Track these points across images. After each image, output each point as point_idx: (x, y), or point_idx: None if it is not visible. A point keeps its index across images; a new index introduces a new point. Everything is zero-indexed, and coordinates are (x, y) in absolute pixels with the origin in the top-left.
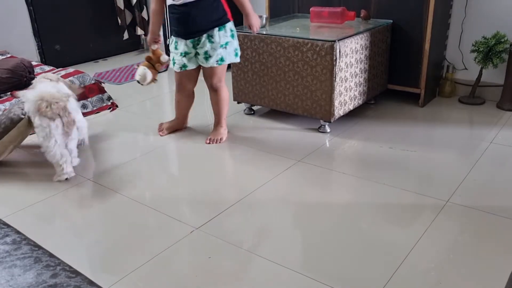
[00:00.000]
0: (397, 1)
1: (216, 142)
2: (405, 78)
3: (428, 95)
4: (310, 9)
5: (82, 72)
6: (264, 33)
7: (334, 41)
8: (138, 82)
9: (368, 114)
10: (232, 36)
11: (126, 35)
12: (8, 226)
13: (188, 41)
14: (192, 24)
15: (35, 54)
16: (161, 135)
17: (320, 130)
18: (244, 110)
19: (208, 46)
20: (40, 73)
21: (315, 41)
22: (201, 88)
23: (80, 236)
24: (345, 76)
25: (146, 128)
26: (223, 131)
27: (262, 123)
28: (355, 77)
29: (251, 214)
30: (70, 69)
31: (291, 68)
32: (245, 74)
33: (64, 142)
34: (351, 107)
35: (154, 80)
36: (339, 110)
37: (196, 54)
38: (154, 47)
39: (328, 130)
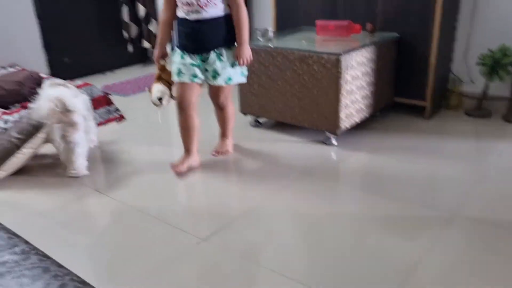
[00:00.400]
0: (403, 14)
1: (222, 154)
2: (411, 91)
3: (434, 108)
4: (316, 22)
5: (91, 85)
6: (270, 46)
7: (340, 54)
8: (159, 101)
9: (374, 126)
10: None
11: (130, 48)
12: (17, 236)
13: (196, 56)
14: (202, 41)
15: (44, 67)
16: (178, 173)
17: (326, 143)
18: (251, 122)
19: (218, 64)
20: None
21: (321, 54)
22: (204, 99)
23: (88, 246)
24: (351, 88)
25: (153, 140)
26: (229, 143)
27: (268, 135)
28: (361, 89)
29: (257, 226)
30: (79, 82)
31: (297, 81)
32: (251, 86)
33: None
34: (357, 120)
35: (172, 96)
36: (345, 122)
37: (205, 70)
38: (163, 62)
39: (334, 143)
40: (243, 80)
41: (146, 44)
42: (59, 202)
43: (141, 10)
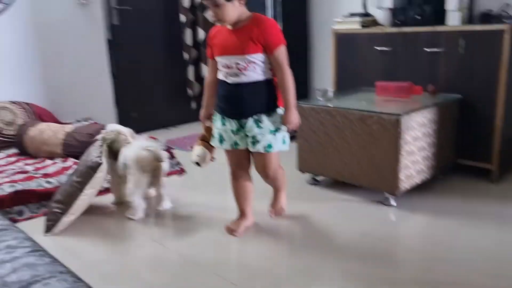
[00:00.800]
0: (466, 76)
1: (277, 214)
2: (476, 153)
3: (502, 171)
4: (376, 83)
5: (155, 138)
6: (330, 105)
7: (400, 114)
8: (197, 164)
9: (435, 188)
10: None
11: (194, 105)
12: (82, 280)
13: (235, 120)
14: (240, 106)
15: (114, 121)
16: (236, 236)
17: (385, 203)
18: (308, 180)
19: (256, 130)
20: None
21: (381, 114)
22: None
23: None
24: (411, 149)
25: (212, 194)
26: (283, 202)
27: (325, 194)
28: (422, 150)
29: (314, 284)
30: (145, 136)
31: (356, 140)
32: (310, 144)
33: (147, 190)
34: (417, 181)
35: (212, 158)
36: (405, 183)
37: (246, 135)
38: (208, 123)
39: (394, 204)
40: (285, 148)
41: None
42: (118, 250)
43: (205, 70)
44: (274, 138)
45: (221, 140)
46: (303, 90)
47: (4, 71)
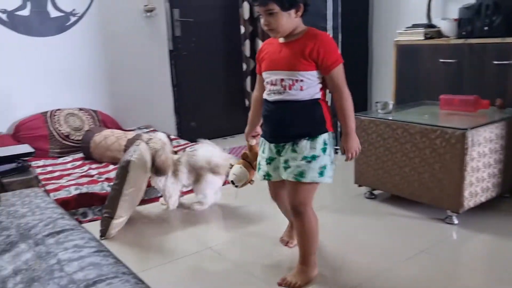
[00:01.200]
0: None
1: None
2: None
3: None
4: (440, 96)
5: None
6: (390, 118)
7: (466, 129)
8: (233, 182)
9: (502, 208)
10: (324, 150)
11: None
12: (142, 282)
13: (272, 145)
14: (278, 127)
15: (174, 129)
16: (291, 247)
17: (447, 221)
18: (365, 193)
19: (289, 154)
20: (176, 146)
21: (445, 129)
22: None
23: None
24: (477, 165)
25: (265, 205)
26: (306, 275)
27: (383, 209)
28: (489, 167)
29: None
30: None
31: (417, 155)
32: (368, 158)
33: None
34: (482, 199)
35: (251, 181)
36: (469, 201)
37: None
38: (252, 142)
39: (456, 222)
40: (322, 180)
41: None
42: (172, 255)
43: None
44: (308, 166)
45: (259, 168)
46: (363, 103)
47: (74, 79)
